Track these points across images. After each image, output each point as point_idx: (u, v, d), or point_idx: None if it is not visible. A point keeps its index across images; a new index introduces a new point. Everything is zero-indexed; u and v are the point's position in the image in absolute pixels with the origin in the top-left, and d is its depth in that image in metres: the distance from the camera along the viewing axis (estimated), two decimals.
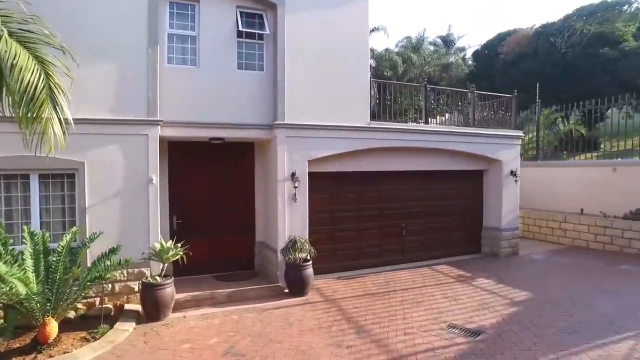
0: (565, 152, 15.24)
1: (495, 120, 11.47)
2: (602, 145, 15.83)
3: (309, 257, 7.98)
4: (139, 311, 6.77)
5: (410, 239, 10.25)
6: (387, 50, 35.08)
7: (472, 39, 68.06)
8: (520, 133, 11.42)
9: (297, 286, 7.87)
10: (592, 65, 19.10)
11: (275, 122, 8.15)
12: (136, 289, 7.00)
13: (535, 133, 15.06)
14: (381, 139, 9.12)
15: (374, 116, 9.48)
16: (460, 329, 6.15)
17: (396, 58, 33.29)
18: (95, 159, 6.83)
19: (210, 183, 9.02)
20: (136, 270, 7.00)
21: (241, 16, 8.08)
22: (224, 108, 7.93)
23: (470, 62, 32.17)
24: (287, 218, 8.24)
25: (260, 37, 8.35)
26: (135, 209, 7.08)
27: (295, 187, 8.19)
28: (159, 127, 7.26)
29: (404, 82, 21.47)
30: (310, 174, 8.49)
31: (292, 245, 7.77)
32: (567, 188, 13.23)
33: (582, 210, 12.82)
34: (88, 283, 5.84)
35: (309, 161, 8.38)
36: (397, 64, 33.36)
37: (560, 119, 15.49)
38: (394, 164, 9.70)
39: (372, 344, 5.70)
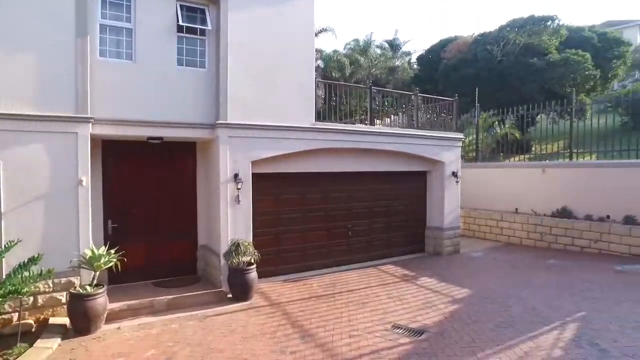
0: (501, 154, 16.10)
1: (438, 123, 11.86)
2: (533, 148, 16.91)
3: (253, 261, 7.77)
4: (66, 325, 6.20)
5: (357, 239, 10.31)
6: (335, 51, 35.54)
7: (417, 44, 70.63)
8: (461, 135, 11.89)
9: (240, 291, 7.63)
10: (524, 73, 20.33)
11: (217, 122, 7.85)
12: (64, 300, 6.43)
13: (475, 135, 15.78)
14: (326, 140, 9.09)
15: (322, 117, 9.45)
16: (405, 329, 6.22)
17: (344, 60, 33.82)
18: (14, 159, 6.18)
19: (150, 185, 8.54)
20: (64, 279, 6.44)
21: (181, 10, 7.71)
22: (163, 106, 7.52)
23: (415, 66, 33.24)
24: (230, 220, 7.97)
25: (202, 32, 8.01)
26: (62, 214, 6.50)
27: (238, 189, 7.94)
28: (90, 124, 6.73)
29: (350, 84, 21.72)
30: (254, 175, 8.27)
31: (235, 248, 7.52)
32: (504, 188, 13.95)
33: (516, 209, 13.57)
34: (0, 299, 5.25)
35: (252, 162, 8.16)
36: (344, 65, 33.90)
37: (497, 123, 16.33)
38: (340, 165, 9.71)
39: (317, 348, 5.61)
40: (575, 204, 12.02)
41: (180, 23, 7.61)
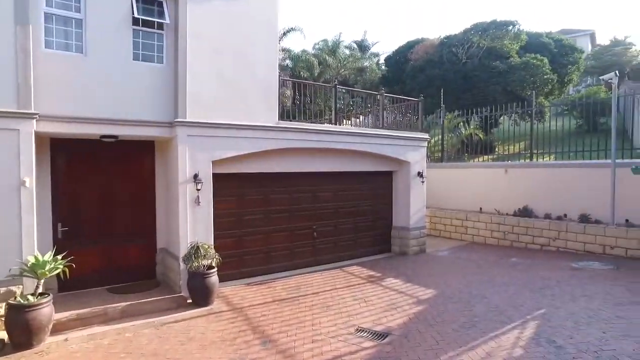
0: (466, 154, 16.40)
1: (404, 123, 11.90)
2: (497, 149, 17.34)
3: (214, 264, 7.47)
4: (4, 340, 5.71)
5: (322, 240, 10.17)
6: (304, 51, 35.40)
7: (385, 46, 71.53)
8: (427, 135, 11.96)
9: (200, 296, 7.32)
10: (488, 75, 20.85)
11: (175, 120, 7.51)
12: (2, 312, 5.94)
13: (440, 136, 15.99)
14: (290, 139, 8.89)
15: (291, 116, 9.25)
16: (369, 332, 6.12)
17: (312, 59, 33.71)
18: None
19: (105, 186, 8.09)
20: (3, 289, 5.94)
21: (137, 2, 7.32)
22: (118, 102, 7.12)
23: (383, 67, 33.60)
24: (190, 222, 7.65)
25: (160, 26, 7.65)
26: (2, 218, 6.00)
27: (198, 190, 7.63)
28: (34, 121, 6.26)
29: (315, 82, 21.66)
30: (215, 175, 7.98)
31: (194, 251, 7.21)
32: (468, 188, 14.18)
33: (480, 208, 13.83)
34: None
35: (213, 162, 7.86)
36: (313, 65, 33.77)
37: (462, 124, 16.62)
38: (304, 165, 9.54)
39: (278, 355, 5.41)
40: (536, 203, 12.35)
41: (136, 15, 7.22)
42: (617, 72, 11.04)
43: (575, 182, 11.54)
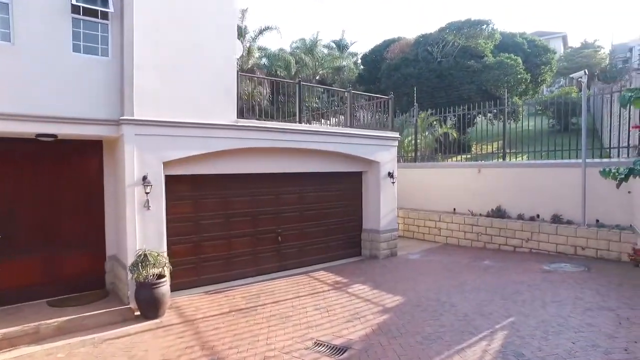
0: (440, 154, 16.14)
1: (374, 122, 11.51)
2: (473, 148, 17.17)
3: (164, 273, 6.91)
4: None
5: (287, 245, 9.68)
6: (281, 50, 35.01)
7: (363, 45, 71.43)
8: (397, 135, 11.60)
9: (149, 307, 6.74)
10: (463, 74, 20.76)
11: (122, 118, 6.91)
12: None
13: (414, 135, 15.70)
14: (251, 139, 8.37)
15: (267, 115, 8.73)
16: (327, 346, 5.67)
17: (289, 58, 33.37)
18: None
19: (47, 189, 7.44)
20: None
21: None
22: (54, 98, 6.50)
23: (361, 66, 33.39)
24: (139, 228, 7.06)
25: (105, 16, 7.04)
26: None
27: (147, 193, 7.04)
28: None
29: (278, 78, 21.26)
30: (168, 177, 7.42)
31: (141, 260, 6.63)
32: (442, 188, 13.91)
33: (454, 209, 13.57)
34: None
35: (164, 163, 7.29)
36: (290, 63, 33.41)
37: (437, 122, 16.37)
38: (268, 166, 9.04)
39: None
40: (509, 203, 12.15)
41: (75, 2, 6.59)
42: (586, 70, 10.90)
43: (548, 182, 11.37)
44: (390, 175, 11.18)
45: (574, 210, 10.71)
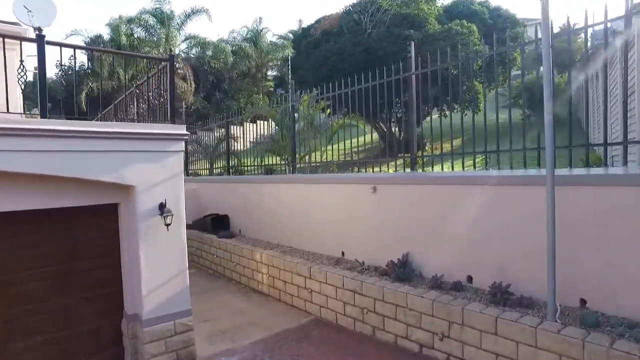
0: (321, 161, 10.26)
1: (147, 111, 5.87)
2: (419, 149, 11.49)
3: None
4: None
5: None
6: (221, 40, 31.90)
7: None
8: (182, 130, 5.85)
9: None
10: (397, 48, 15.44)
11: None
12: None
13: (292, 130, 9.98)
14: None
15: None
16: None
17: (226, 47, 30.05)
18: None
19: None
20: None
21: None
22: None
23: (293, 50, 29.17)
24: None
25: None
26: None
27: None
28: None
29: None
30: None
31: None
32: (325, 215, 8.37)
33: (343, 253, 8.05)
34: None
35: None
36: (226, 53, 29.65)
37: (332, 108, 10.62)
38: None
39: None
40: (424, 248, 6.64)
41: None
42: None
43: (490, 212, 5.86)
44: (163, 209, 5.49)
45: (535, 275, 5.19)
